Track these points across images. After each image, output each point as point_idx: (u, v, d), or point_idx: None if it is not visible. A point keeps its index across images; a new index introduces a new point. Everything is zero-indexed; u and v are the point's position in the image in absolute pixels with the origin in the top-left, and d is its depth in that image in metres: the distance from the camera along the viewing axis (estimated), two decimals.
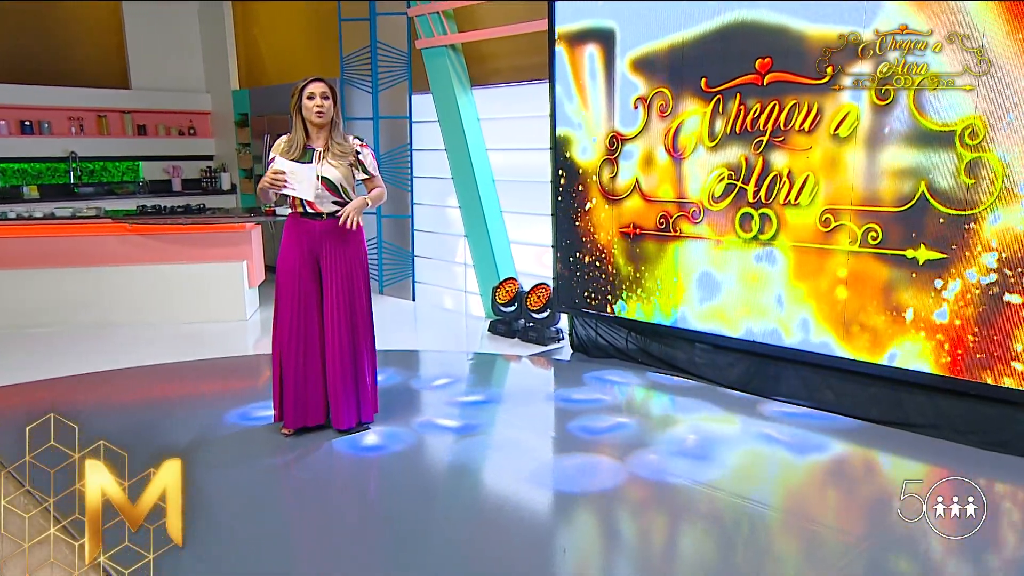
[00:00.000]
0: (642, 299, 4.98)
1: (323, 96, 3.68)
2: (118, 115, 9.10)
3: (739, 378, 4.64)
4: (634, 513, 3.29)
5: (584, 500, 3.31)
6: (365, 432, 3.95)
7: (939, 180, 3.62)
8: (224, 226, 6.54)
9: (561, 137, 5.28)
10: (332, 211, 3.76)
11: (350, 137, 3.84)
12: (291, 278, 3.78)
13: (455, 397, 4.65)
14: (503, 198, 6.48)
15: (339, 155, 3.74)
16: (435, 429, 4.10)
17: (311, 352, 3.82)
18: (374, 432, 3.96)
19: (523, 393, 4.84)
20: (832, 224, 4.04)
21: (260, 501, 3.30)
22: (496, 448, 3.94)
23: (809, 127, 4.05)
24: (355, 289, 3.84)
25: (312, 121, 3.70)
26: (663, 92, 4.65)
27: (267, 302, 7.09)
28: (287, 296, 3.80)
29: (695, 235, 4.65)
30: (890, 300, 3.87)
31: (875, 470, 3.78)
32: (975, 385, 3.65)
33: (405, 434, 3.97)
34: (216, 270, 6.52)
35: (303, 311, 3.79)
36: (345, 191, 3.76)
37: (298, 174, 3.62)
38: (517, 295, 5.92)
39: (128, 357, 5.45)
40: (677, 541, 3.06)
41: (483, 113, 6.53)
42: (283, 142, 3.78)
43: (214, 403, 4.52)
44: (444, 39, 6.50)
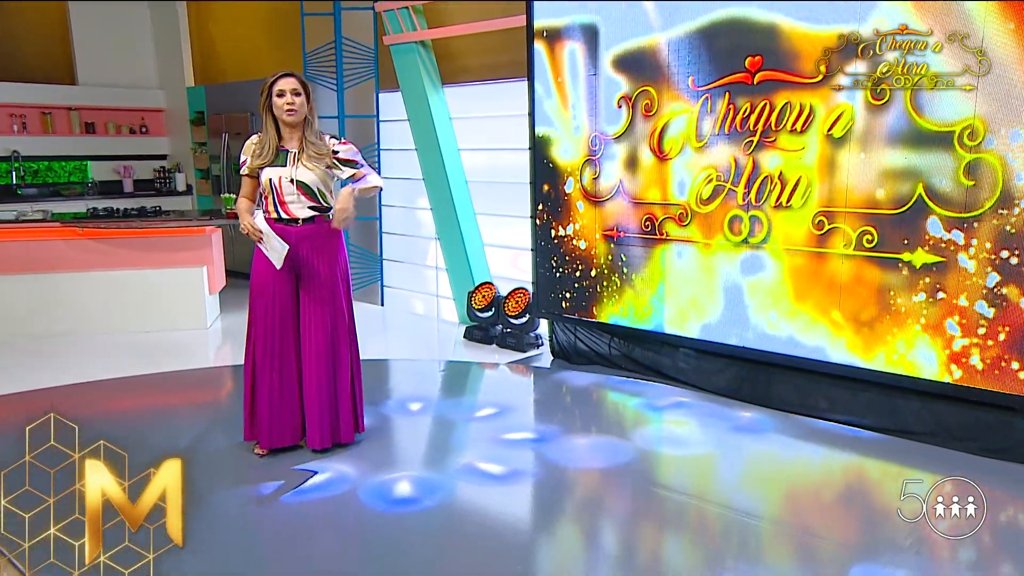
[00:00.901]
0: (627, 304, 4.83)
1: (294, 92, 3.41)
2: (64, 112, 8.66)
3: (728, 384, 4.53)
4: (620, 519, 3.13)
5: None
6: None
7: (937, 182, 3.54)
8: (183, 229, 6.21)
9: (541, 137, 5.11)
10: (308, 216, 3.51)
11: (326, 136, 3.57)
12: (265, 288, 3.53)
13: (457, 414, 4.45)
14: (476, 199, 6.29)
15: (315, 157, 3.47)
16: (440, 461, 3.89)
17: (287, 368, 3.59)
18: (366, 458, 3.69)
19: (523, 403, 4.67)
20: (826, 227, 3.93)
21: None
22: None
23: (802, 127, 3.94)
24: (335, 299, 3.60)
25: (283, 120, 3.44)
26: (648, 91, 4.51)
27: (228, 309, 6.80)
28: (261, 308, 3.54)
29: (682, 238, 4.51)
30: (886, 304, 3.78)
31: (871, 479, 3.69)
32: (976, 391, 3.58)
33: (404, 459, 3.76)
34: (175, 276, 6.19)
35: (278, 324, 3.55)
36: (323, 195, 3.52)
37: (274, 242, 3.39)
38: (494, 300, 5.73)
39: (79, 371, 5.11)
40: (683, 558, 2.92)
41: (455, 112, 6.32)
42: (254, 144, 3.53)
43: (176, 421, 4.24)
44: (414, 35, 6.27)
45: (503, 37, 5.66)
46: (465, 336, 5.91)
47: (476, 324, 5.86)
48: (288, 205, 3.48)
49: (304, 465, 3.56)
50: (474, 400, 4.84)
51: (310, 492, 3.35)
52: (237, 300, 7.13)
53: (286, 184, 3.45)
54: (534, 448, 3.87)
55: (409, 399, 4.59)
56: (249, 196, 3.58)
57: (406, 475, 3.52)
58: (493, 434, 4.02)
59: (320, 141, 3.52)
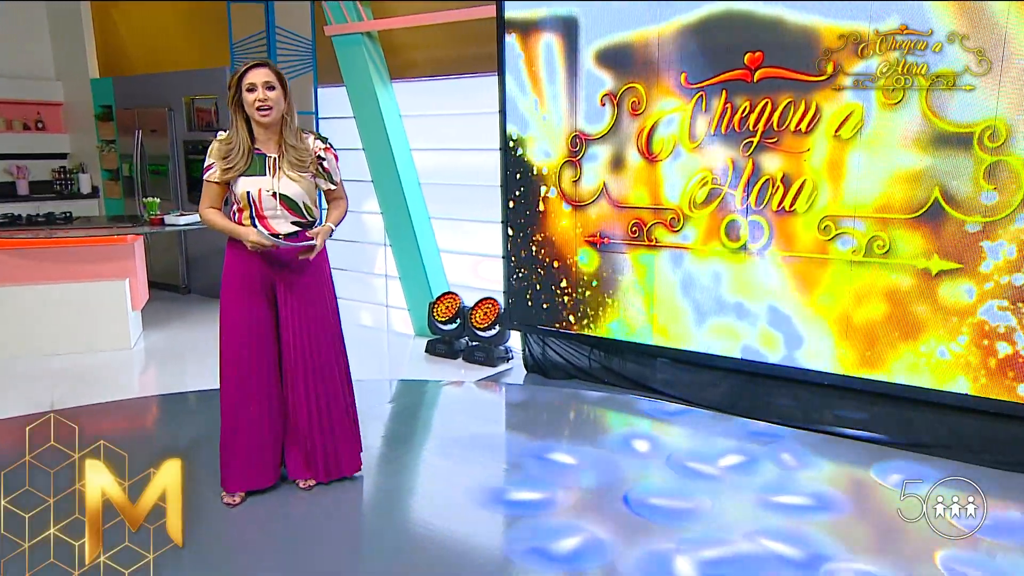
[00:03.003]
0: (612, 314, 4.55)
1: (267, 86, 2.94)
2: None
3: (722, 398, 4.31)
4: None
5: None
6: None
7: (955, 185, 3.41)
8: (102, 239, 5.53)
9: (513, 136, 4.76)
10: (290, 232, 3.05)
11: (308, 137, 3.12)
12: (239, 313, 3.07)
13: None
14: (431, 203, 5.87)
15: (297, 164, 3.02)
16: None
17: (265, 403, 3.14)
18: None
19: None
20: (833, 232, 3.76)
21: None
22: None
23: (806, 128, 3.75)
24: (324, 313, 3.18)
25: (256, 119, 2.97)
26: (635, 88, 4.23)
27: (153, 327, 6.15)
28: (233, 337, 3.08)
29: (674, 244, 4.26)
30: (901, 312, 3.62)
31: (878, 493, 3.54)
32: (994, 403, 3.47)
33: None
34: (93, 290, 5.49)
35: (255, 354, 3.10)
36: (308, 209, 3.08)
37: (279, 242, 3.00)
38: (459, 311, 5.34)
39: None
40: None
41: (407, 110, 5.89)
42: (220, 146, 3.01)
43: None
44: (360, 26, 5.79)
45: (463, 29, 5.27)
46: (427, 350, 5.49)
47: (439, 337, 5.45)
48: (268, 220, 3.03)
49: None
50: (466, 426, 4.46)
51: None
52: (161, 316, 6.49)
53: (267, 198, 3.00)
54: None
55: (406, 426, 4.17)
56: (217, 205, 3.09)
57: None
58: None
59: (301, 144, 3.06)
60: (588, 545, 2.89)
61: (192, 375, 5.14)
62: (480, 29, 5.06)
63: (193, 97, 6.94)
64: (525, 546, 2.88)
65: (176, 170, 7.19)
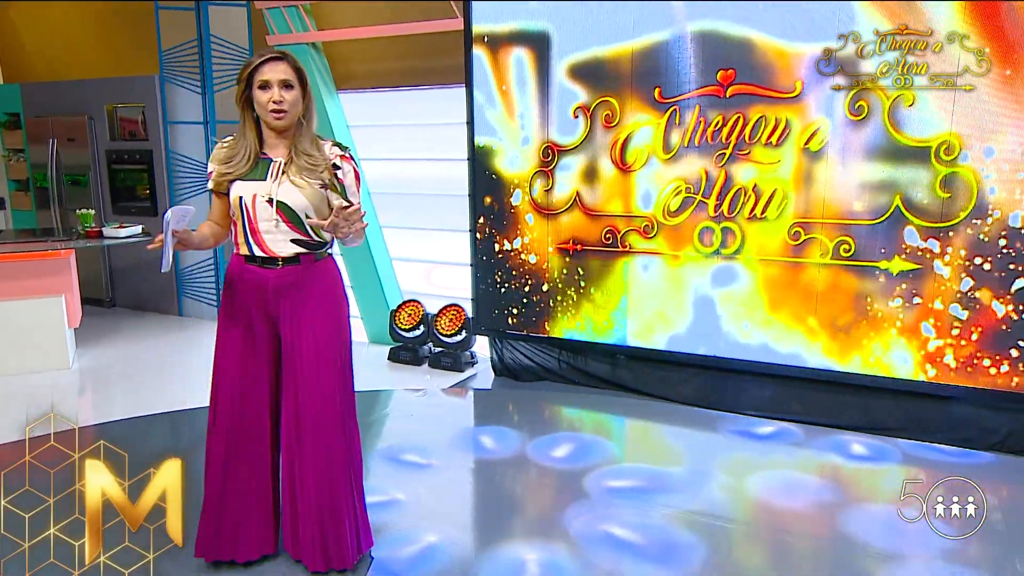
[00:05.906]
0: (584, 317, 4.71)
1: (283, 85, 2.48)
2: None
3: (695, 393, 4.56)
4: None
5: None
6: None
7: (914, 194, 3.78)
8: (34, 253, 5.19)
9: (481, 147, 4.85)
10: (291, 255, 2.56)
11: (326, 144, 2.62)
12: (233, 350, 2.64)
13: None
14: (388, 213, 5.87)
15: (307, 169, 2.51)
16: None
17: (259, 459, 2.70)
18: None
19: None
20: (802, 237, 4.07)
21: None
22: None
23: (777, 141, 4.05)
24: (333, 368, 2.63)
25: (268, 122, 2.51)
26: (609, 101, 4.43)
27: (88, 345, 5.82)
28: (226, 376, 2.64)
29: (647, 250, 4.47)
30: (863, 309, 3.97)
31: (848, 476, 3.87)
32: (949, 388, 3.86)
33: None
34: (28, 307, 5.15)
35: (250, 397, 2.65)
36: (313, 227, 2.57)
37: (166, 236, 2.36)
38: (423, 318, 5.36)
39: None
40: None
41: (362, 120, 5.87)
42: (224, 149, 2.57)
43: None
44: (306, 36, 5.73)
45: (425, 42, 5.32)
46: (390, 357, 5.47)
47: (401, 344, 5.45)
48: (263, 236, 2.53)
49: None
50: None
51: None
52: (93, 332, 6.14)
53: (261, 205, 2.50)
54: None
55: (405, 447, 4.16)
56: (216, 219, 2.68)
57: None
58: None
59: (316, 151, 2.56)
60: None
61: (145, 396, 4.87)
62: (443, 41, 5.13)
63: (116, 105, 6.61)
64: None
65: (99, 180, 6.81)
